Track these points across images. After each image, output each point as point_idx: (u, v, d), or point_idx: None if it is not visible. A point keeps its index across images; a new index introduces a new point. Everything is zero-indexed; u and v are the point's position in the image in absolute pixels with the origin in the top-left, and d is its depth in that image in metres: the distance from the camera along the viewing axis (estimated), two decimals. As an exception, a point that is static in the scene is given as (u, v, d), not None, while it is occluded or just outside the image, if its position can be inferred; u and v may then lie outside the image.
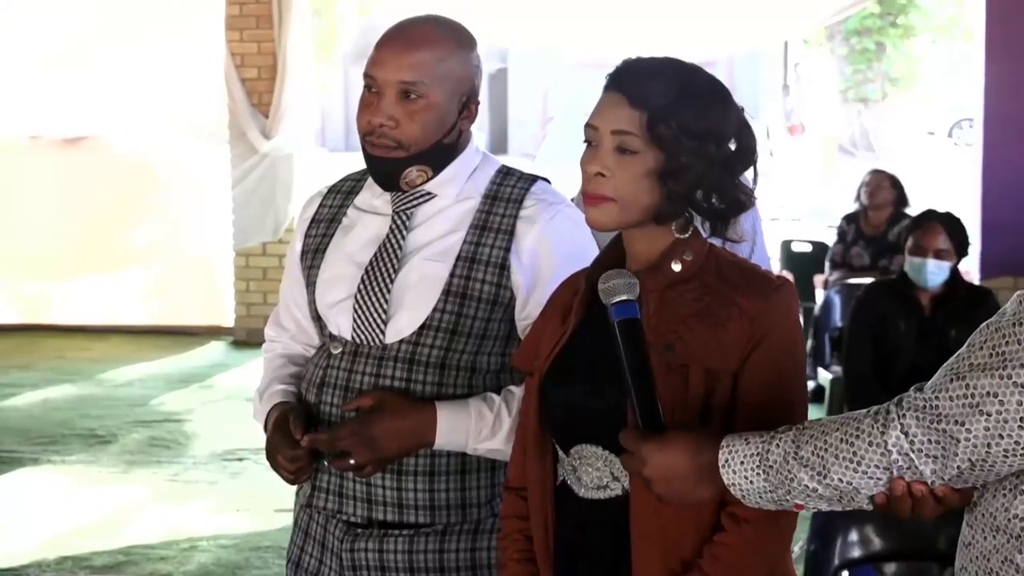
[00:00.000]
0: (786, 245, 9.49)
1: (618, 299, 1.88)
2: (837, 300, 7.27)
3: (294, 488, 2.47)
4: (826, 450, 1.72)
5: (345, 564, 2.35)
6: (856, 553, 3.32)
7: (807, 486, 1.73)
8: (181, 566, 5.20)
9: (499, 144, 28.98)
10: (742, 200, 1.99)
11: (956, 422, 1.62)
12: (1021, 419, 1.58)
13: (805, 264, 8.78)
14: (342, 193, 2.50)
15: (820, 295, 8.08)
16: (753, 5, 9.34)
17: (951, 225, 5.29)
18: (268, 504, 5.84)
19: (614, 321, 1.86)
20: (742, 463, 1.77)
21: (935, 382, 1.66)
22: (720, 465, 1.78)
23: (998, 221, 8.63)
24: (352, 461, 2.24)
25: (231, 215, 9.59)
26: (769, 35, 10.91)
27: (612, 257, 2.05)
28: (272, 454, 2.34)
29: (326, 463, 2.32)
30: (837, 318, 7.17)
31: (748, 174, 2.02)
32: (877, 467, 1.68)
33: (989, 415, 1.60)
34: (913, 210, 7.73)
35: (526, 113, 29.41)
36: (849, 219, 8.23)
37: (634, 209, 1.95)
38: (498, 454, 2.30)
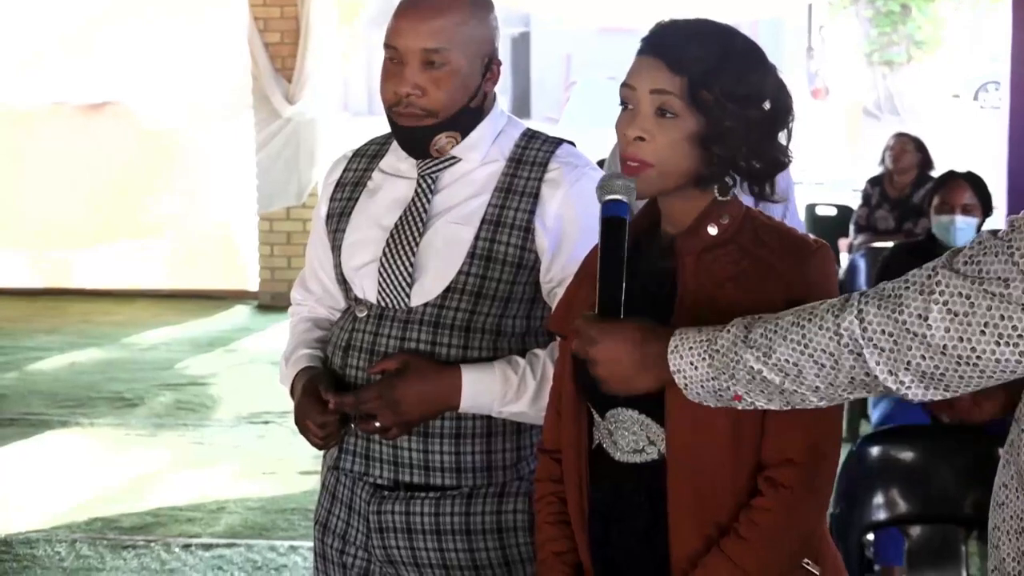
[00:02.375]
0: (811, 209, 9.46)
1: (612, 197, 1.90)
2: (862, 264, 7.23)
3: (319, 451, 2.48)
4: (775, 331, 1.71)
5: (372, 526, 2.36)
6: (881, 516, 3.32)
7: (751, 368, 1.71)
8: (208, 528, 5.24)
9: (522, 108, 28.90)
10: (780, 159, 1.98)
11: (919, 316, 1.58)
12: (985, 325, 1.54)
13: (830, 228, 8.74)
14: (367, 157, 2.50)
15: (845, 259, 8.06)
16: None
17: (974, 182, 5.32)
18: (293, 467, 5.88)
19: (602, 217, 1.89)
20: (690, 348, 1.77)
21: (910, 275, 1.63)
22: (669, 351, 1.78)
23: (1025, 184, 8.57)
24: (377, 424, 2.25)
25: (255, 180, 9.61)
26: (794, -3, 10.84)
27: (647, 218, 2.04)
28: (301, 419, 2.34)
29: (352, 426, 2.33)
30: (862, 281, 7.14)
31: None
32: (824, 351, 1.65)
33: (956, 315, 1.56)
34: (938, 173, 7.69)
35: (548, 77, 29.31)
36: (874, 182, 8.20)
37: (674, 174, 1.93)
38: (523, 417, 2.31)
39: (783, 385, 1.70)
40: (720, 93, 1.89)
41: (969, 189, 5.24)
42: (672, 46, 1.92)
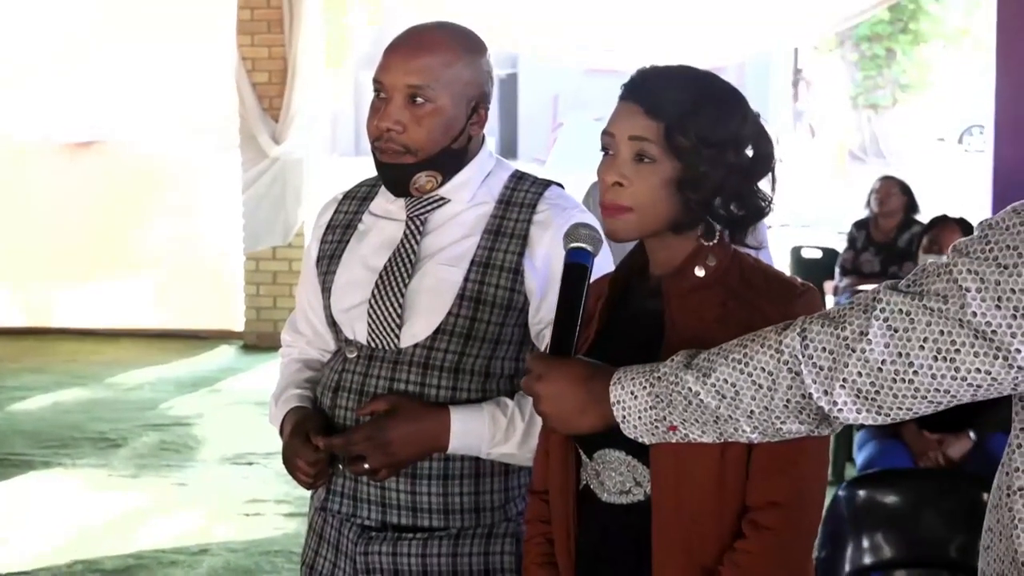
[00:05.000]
0: (796, 251, 9.48)
1: (576, 245, 1.95)
2: (847, 306, 7.25)
3: (303, 492, 2.47)
4: (719, 353, 1.72)
5: (359, 567, 2.35)
6: (867, 560, 3.31)
7: (689, 389, 1.71)
8: (192, 570, 5.21)
9: (509, 149, 29.00)
10: (761, 207, 1.99)
11: (860, 332, 1.59)
12: (924, 340, 1.55)
13: (815, 270, 8.77)
14: (358, 199, 2.51)
15: (830, 301, 8.07)
16: (763, 11, 9.33)
17: (965, 228, 5.37)
18: (278, 508, 5.85)
19: (565, 263, 1.95)
20: (632, 379, 1.78)
21: (856, 297, 1.65)
22: (612, 383, 1.79)
23: (1009, 228, 8.60)
24: (367, 465, 2.25)
25: (241, 219, 9.61)
26: (779, 41, 10.90)
27: (636, 261, 2.06)
28: (290, 459, 2.35)
29: (341, 467, 2.33)
30: (847, 324, 7.15)
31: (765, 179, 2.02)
32: (763, 369, 1.66)
33: (896, 331, 1.57)
34: (923, 217, 7.73)
35: (536, 118, 29.44)
36: (859, 225, 8.23)
37: (652, 218, 1.95)
38: (511, 458, 2.31)
39: (719, 410, 1.70)
40: (696, 138, 1.91)
41: (959, 232, 5.29)
42: (650, 91, 1.94)
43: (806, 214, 18.46)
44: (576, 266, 1.94)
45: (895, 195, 8.08)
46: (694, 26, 9.34)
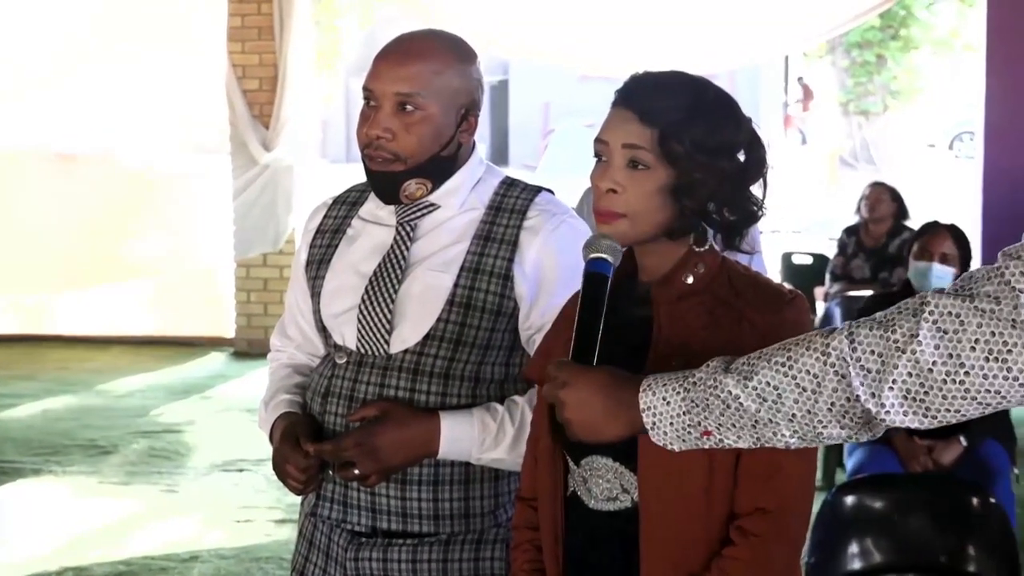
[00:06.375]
0: (787, 257, 9.50)
1: (597, 255, 1.93)
2: (837, 312, 7.27)
3: (294, 499, 2.47)
4: (759, 357, 1.70)
5: (349, 573, 2.35)
6: (856, 565, 3.32)
7: (729, 392, 1.69)
8: (182, 577, 5.20)
9: (500, 155, 28.99)
10: (753, 211, 1.99)
11: (910, 335, 1.59)
12: (975, 341, 1.55)
13: (806, 276, 8.79)
14: (347, 204, 2.51)
15: (820, 307, 8.09)
16: (754, 18, 9.35)
17: (956, 234, 5.33)
18: (268, 515, 5.84)
19: (585, 272, 1.93)
20: (664, 385, 1.76)
21: (902, 303, 1.65)
22: (641, 390, 1.77)
23: (999, 234, 8.63)
24: (356, 471, 2.25)
25: (232, 226, 9.60)
26: (770, 48, 10.91)
27: (624, 268, 2.06)
28: (280, 465, 2.34)
29: (331, 472, 2.33)
30: (837, 330, 7.15)
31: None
32: (808, 372, 1.65)
33: (945, 332, 1.57)
34: (913, 223, 7.75)
35: (527, 124, 29.43)
36: (849, 231, 8.25)
37: (646, 225, 1.95)
38: (501, 464, 2.31)
39: (758, 414, 1.69)
40: (690, 145, 1.91)
41: (950, 239, 5.25)
42: (643, 98, 1.94)
43: (797, 220, 18.48)
44: (596, 275, 1.93)
45: (885, 201, 8.09)
46: (685, 34, 9.36)
